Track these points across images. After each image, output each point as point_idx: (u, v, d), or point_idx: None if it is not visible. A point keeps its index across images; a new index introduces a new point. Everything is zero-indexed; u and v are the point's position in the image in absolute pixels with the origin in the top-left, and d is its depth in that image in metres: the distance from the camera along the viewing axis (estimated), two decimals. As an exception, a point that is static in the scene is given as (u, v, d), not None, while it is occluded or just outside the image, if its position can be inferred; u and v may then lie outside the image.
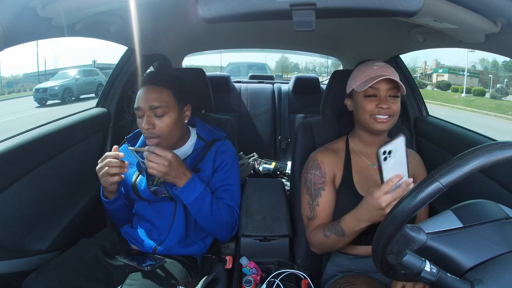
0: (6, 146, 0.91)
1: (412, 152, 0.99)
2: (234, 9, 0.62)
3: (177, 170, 0.90)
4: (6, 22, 0.68)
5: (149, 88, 0.95)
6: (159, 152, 0.87)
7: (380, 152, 0.69)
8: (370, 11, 0.62)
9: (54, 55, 27.27)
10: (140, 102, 0.94)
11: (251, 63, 7.82)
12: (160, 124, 0.93)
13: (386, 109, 0.87)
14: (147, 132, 0.93)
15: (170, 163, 0.88)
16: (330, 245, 0.87)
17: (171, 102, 0.95)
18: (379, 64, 0.90)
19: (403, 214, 0.48)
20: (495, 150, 0.46)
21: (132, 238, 1.02)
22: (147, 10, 1.09)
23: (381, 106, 0.86)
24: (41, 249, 0.97)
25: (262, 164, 1.73)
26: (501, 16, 0.73)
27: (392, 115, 0.88)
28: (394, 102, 0.87)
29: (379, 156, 0.69)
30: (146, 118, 0.93)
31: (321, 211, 0.91)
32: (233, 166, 1.06)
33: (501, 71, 17.69)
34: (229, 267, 1.03)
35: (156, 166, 0.87)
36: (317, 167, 0.94)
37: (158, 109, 0.93)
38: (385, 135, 0.95)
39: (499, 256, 0.49)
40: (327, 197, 0.91)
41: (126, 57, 1.47)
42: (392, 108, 0.87)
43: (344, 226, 0.82)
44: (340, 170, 0.94)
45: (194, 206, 0.94)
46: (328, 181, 0.92)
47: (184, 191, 0.92)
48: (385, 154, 0.69)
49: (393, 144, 0.69)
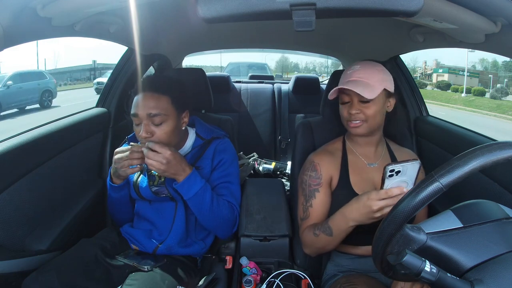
0: (6, 146, 0.91)
1: (413, 154, 1.01)
2: (234, 9, 0.62)
3: (175, 167, 0.89)
4: (6, 22, 0.68)
5: (147, 94, 0.92)
6: (158, 149, 0.87)
7: (387, 169, 0.67)
8: (370, 11, 0.62)
9: (54, 55, 27.26)
10: (138, 109, 0.91)
11: (251, 63, 7.83)
12: (158, 132, 0.92)
13: (355, 115, 0.87)
14: (145, 140, 0.91)
15: (169, 161, 0.87)
16: (320, 245, 0.86)
17: (169, 109, 0.93)
18: (355, 67, 0.90)
19: (403, 214, 0.48)
20: (495, 150, 0.46)
21: (132, 238, 1.02)
22: (147, 10, 1.09)
23: (350, 112, 0.88)
24: (41, 249, 0.97)
25: (262, 164, 1.73)
26: (501, 16, 0.73)
27: (365, 120, 0.88)
28: (366, 106, 0.87)
29: (385, 173, 0.67)
30: (144, 126, 0.91)
31: (314, 212, 0.91)
32: (232, 164, 1.06)
33: (501, 71, 17.70)
34: (229, 267, 1.03)
35: (155, 164, 0.86)
36: (314, 168, 0.94)
37: (156, 117, 0.90)
38: (378, 134, 0.95)
39: (499, 256, 0.49)
40: (321, 198, 0.91)
41: (126, 57, 1.47)
42: (364, 113, 0.87)
43: (332, 224, 0.82)
44: (337, 171, 0.94)
45: (194, 202, 0.94)
46: (323, 183, 0.92)
47: (184, 185, 0.92)
48: (392, 172, 0.67)
49: (404, 166, 0.67)
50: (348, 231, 0.80)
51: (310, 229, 0.88)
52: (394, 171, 0.67)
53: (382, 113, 0.91)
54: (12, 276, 0.87)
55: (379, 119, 0.90)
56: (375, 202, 0.72)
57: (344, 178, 0.93)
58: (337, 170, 0.94)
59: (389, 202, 0.71)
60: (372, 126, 0.89)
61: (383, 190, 0.71)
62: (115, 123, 1.46)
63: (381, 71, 0.89)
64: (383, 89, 0.87)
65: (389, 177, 0.68)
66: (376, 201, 0.72)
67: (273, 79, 3.07)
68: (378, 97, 0.87)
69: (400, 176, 0.68)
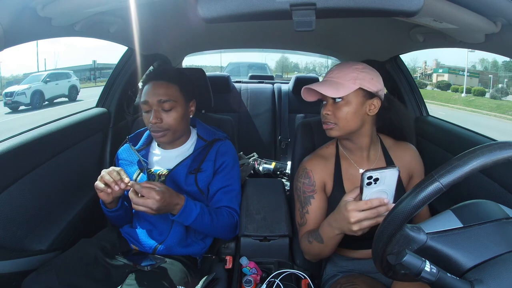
0: (6, 146, 0.91)
1: (409, 147, 0.94)
2: (234, 9, 0.62)
3: (167, 204, 0.85)
4: (6, 22, 0.68)
5: (157, 82, 0.96)
6: (146, 193, 0.82)
7: (364, 176, 0.63)
8: (370, 11, 0.62)
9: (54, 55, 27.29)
10: (148, 97, 0.95)
11: (251, 63, 7.83)
12: (168, 118, 0.95)
13: (326, 116, 0.84)
14: (155, 126, 0.94)
15: (157, 207, 0.82)
16: (315, 252, 0.85)
17: (178, 96, 0.97)
18: (334, 67, 0.86)
19: (403, 214, 0.48)
20: (495, 150, 0.46)
21: (132, 238, 1.02)
22: (147, 10, 1.09)
23: (322, 113, 0.85)
24: (41, 249, 0.97)
25: (262, 164, 1.73)
26: (501, 16, 0.73)
27: (336, 122, 0.83)
28: (337, 107, 0.82)
29: (363, 180, 0.64)
30: (153, 112, 0.94)
31: (311, 218, 0.89)
32: (234, 167, 1.07)
33: (501, 71, 17.70)
34: (229, 267, 1.03)
35: (143, 208, 0.82)
36: (306, 175, 0.91)
37: (166, 103, 0.94)
38: (364, 138, 0.87)
39: (499, 256, 0.49)
40: (317, 204, 0.89)
41: (126, 57, 1.47)
42: (335, 114, 0.82)
43: (321, 232, 0.80)
44: (330, 177, 0.91)
45: (194, 225, 0.94)
46: (317, 189, 0.90)
47: (181, 216, 0.90)
48: (370, 179, 0.63)
49: (382, 173, 0.63)
50: (338, 238, 0.76)
51: (305, 236, 0.87)
52: (372, 179, 0.63)
53: (359, 115, 0.83)
54: (12, 276, 0.87)
55: (355, 122, 0.83)
56: (353, 213, 0.67)
57: (338, 184, 0.90)
58: (331, 176, 0.91)
59: (368, 215, 0.66)
60: (345, 129, 0.83)
61: (363, 201, 0.66)
62: (115, 123, 1.46)
63: (358, 70, 0.82)
64: (358, 89, 0.81)
65: (367, 185, 0.64)
66: (355, 213, 0.67)
67: (273, 79, 3.06)
68: (352, 98, 0.81)
69: (378, 185, 0.64)
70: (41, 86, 10.26)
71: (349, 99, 0.81)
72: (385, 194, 0.66)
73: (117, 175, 0.86)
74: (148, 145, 1.08)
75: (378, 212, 0.66)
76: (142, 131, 1.12)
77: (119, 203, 0.97)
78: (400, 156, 0.93)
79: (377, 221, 0.67)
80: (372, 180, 0.63)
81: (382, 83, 0.86)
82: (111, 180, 0.86)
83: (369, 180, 0.63)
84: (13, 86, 10.18)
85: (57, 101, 10.86)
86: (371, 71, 0.84)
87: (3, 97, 9.56)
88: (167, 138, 0.99)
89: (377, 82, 0.84)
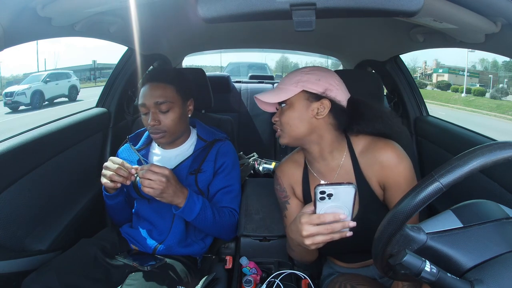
0: (6, 146, 0.91)
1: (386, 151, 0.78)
2: (234, 9, 0.62)
3: (174, 187, 0.87)
4: (6, 22, 0.68)
5: (153, 84, 0.96)
6: (156, 169, 0.84)
7: (316, 190, 0.60)
8: (370, 11, 0.62)
9: (54, 55, 27.29)
10: (144, 99, 0.95)
11: (251, 63, 7.83)
12: (166, 119, 0.95)
13: (274, 122, 0.81)
14: (153, 128, 0.95)
15: (168, 179, 0.85)
16: (296, 257, 0.84)
17: (175, 97, 0.97)
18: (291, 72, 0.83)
19: (403, 214, 0.48)
20: (495, 150, 0.46)
21: (132, 238, 1.02)
22: (147, 10, 1.09)
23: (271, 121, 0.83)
24: (41, 249, 0.97)
25: (262, 164, 1.73)
26: (501, 16, 0.73)
27: (282, 128, 0.79)
28: (282, 113, 0.79)
29: (315, 194, 0.60)
30: (151, 114, 0.94)
31: (289, 222, 0.86)
32: (234, 168, 1.07)
33: (501, 71, 17.70)
34: (229, 267, 1.03)
35: (154, 183, 0.83)
36: (277, 181, 0.90)
37: (163, 105, 0.94)
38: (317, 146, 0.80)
39: (499, 256, 0.49)
40: (293, 209, 0.88)
41: (126, 57, 1.47)
42: (280, 120, 0.79)
43: (288, 239, 0.78)
44: (299, 183, 0.87)
45: (197, 221, 0.94)
46: (290, 195, 0.88)
47: (185, 210, 0.91)
48: (323, 194, 0.60)
49: (336, 189, 0.59)
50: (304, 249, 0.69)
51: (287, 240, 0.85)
52: (326, 194, 0.59)
53: (304, 120, 0.77)
54: (12, 276, 0.87)
55: (300, 127, 0.77)
56: (306, 226, 0.62)
57: (306, 191, 0.87)
58: (299, 182, 0.87)
59: (321, 230, 0.62)
60: (291, 135, 0.79)
61: (316, 214, 0.62)
62: (115, 123, 1.46)
63: (304, 72, 0.78)
64: (301, 92, 0.77)
65: (320, 199, 0.60)
66: (307, 226, 0.62)
67: (273, 79, 3.07)
68: (295, 101, 0.77)
69: (333, 201, 0.60)
70: (41, 86, 10.37)
71: (292, 103, 0.78)
72: (341, 210, 0.61)
73: (125, 172, 0.88)
74: (148, 144, 1.09)
75: (333, 229, 0.61)
76: (142, 131, 1.12)
77: (118, 190, 0.98)
78: (371, 164, 0.79)
79: (332, 237, 0.62)
80: (325, 195, 0.60)
81: (334, 82, 0.79)
82: (121, 179, 0.88)
83: (322, 195, 0.60)
84: (13, 86, 10.32)
85: (57, 101, 10.96)
86: (321, 72, 0.79)
87: (3, 97, 9.66)
88: (166, 139, 0.99)
89: (325, 82, 0.77)
